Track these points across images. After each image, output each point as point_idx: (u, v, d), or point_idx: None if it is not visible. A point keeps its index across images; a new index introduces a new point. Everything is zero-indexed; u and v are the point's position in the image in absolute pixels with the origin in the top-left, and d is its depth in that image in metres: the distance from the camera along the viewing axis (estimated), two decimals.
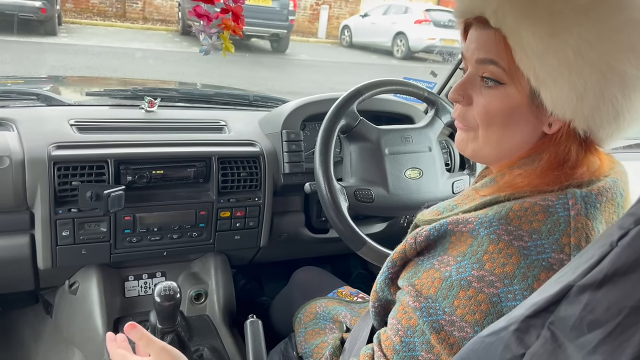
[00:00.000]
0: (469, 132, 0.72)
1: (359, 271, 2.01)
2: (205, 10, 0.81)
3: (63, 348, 1.40)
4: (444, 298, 0.63)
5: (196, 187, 1.36)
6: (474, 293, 0.61)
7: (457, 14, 0.70)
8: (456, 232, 0.65)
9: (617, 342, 0.38)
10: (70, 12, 11.17)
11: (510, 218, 0.61)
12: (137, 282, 1.44)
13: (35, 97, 1.47)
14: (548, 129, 0.65)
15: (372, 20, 12.20)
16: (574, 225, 0.60)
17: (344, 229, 1.17)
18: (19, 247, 1.23)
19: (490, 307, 0.60)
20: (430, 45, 10.47)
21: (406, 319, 0.67)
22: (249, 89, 2.08)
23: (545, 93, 0.61)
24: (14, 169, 1.15)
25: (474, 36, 0.67)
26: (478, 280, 0.61)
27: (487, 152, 0.70)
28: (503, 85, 0.65)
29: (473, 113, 0.69)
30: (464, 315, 0.61)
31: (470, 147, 0.72)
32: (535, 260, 0.59)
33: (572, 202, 0.61)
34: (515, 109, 0.65)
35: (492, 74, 0.65)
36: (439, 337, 0.63)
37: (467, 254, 0.62)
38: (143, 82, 2.60)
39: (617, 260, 0.40)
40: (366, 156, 1.27)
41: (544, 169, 0.65)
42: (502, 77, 0.64)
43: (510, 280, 0.59)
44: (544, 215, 0.61)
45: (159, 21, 12.21)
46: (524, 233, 0.60)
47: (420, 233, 0.68)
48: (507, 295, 0.59)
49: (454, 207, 0.71)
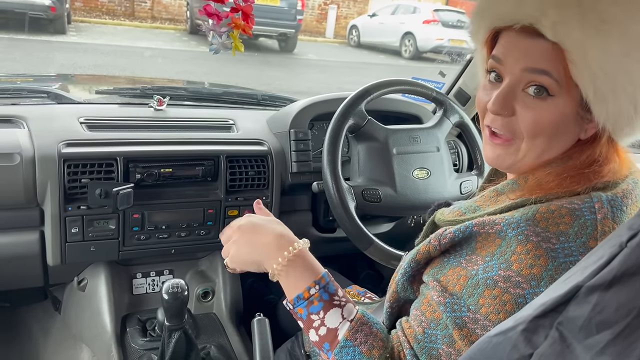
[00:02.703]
0: (509, 146, 0.69)
1: (367, 271, 2.01)
2: (215, 9, 0.81)
3: (71, 344, 1.41)
4: (469, 296, 0.63)
5: (204, 186, 1.36)
6: (499, 293, 0.61)
7: (492, 19, 0.68)
8: (482, 234, 0.65)
9: (626, 343, 0.38)
10: (79, 11, 11.23)
11: (537, 220, 0.61)
12: (144, 279, 1.45)
13: (46, 95, 1.48)
14: (583, 134, 0.66)
15: (380, 20, 12.17)
16: (600, 229, 0.60)
17: (351, 229, 1.17)
18: (29, 243, 1.24)
19: (515, 308, 0.60)
20: (438, 46, 10.43)
21: (430, 311, 0.68)
22: (256, 88, 2.08)
23: (600, 107, 0.61)
24: (24, 166, 1.16)
25: (518, 45, 0.65)
26: (504, 280, 0.61)
27: (527, 162, 0.69)
28: (552, 96, 0.64)
29: (519, 125, 0.67)
30: (488, 314, 0.62)
31: (510, 161, 0.70)
32: (563, 262, 0.60)
33: (598, 205, 0.62)
34: (564, 120, 0.64)
35: (543, 84, 0.63)
36: (462, 334, 0.63)
37: (495, 254, 0.63)
38: (151, 80, 2.62)
39: (626, 261, 0.39)
40: (374, 156, 1.27)
41: (575, 169, 0.65)
42: (553, 88, 0.63)
43: (537, 282, 0.60)
44: (571, 218, 0.61)
45: (167, 20, 12.25)
46: (552, 235, 0.60)
47: (445, 235, 0.69)
48: (532, 297, 0.59)
49: (476, 209, 0.71)
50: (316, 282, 0.75)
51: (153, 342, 1.30)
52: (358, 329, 0.72)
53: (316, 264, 0.78)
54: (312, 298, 0.74)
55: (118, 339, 1.31)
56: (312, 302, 0.74)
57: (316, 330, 0.74)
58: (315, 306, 0.74)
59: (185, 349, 1.09)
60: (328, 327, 0.73)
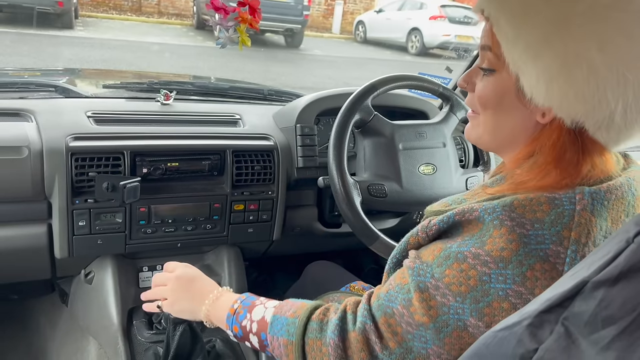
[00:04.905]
0: (474, 120, 0.76)
1: (371, 266, 2.01)
2: (222, 4, 0.81)
3: (78, 336, 1.42)
4: (438, 265, 0.66)
5: (211, 180, 1.37)
6: (467, 268, 0.63)
7: (475, 10, 0.71)
8: (463, 221, 0.66)
9: (632, 339, 0.38)
10: (86, 6, 11.27)
11: (514, 206, 0.62)
12: (151, 272, 1.45)
13: (53, 89, 1.49)
14: (541, 118, 0.66)
15: (386, 15, 12.13)
16: (577, 219, 0.60)
17: (356, 224, 1.17)
18: (37, 236, 1.25)
19: (478, 284, 0.62)
20: (445, 42, 10.38)
21: (400, 276, 0.71)
22: (263, 83, 2.08)
23: (523, 79, 0.63)
24: (32, 159, 1.17)
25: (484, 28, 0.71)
26: (474, 257, 0.63)
27: (486, 138, 0.74)
28: (495, 71, 0.68)
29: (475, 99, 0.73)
30: (450, 284, 0.63)
31: (474, 134, 0.76)
32: (533, 249, 0.60)
33: (579, 197, 0.62)
34: (504, 94, 0.68)
35: (488, 61, 0.69)
36: (422, 297, 0.65)
37: (475, 236, 0.64)
38: (158, 75, 2.62)
39: (632, 256, 0.39)
40: (380, 151, 1.27)
41: (545, 163, 0.65)
42: (494, 63, 0.67)
43: (505, 264, 0.61)
44: (549, 206, 0.61)
45: (174, 15, 12.26)
46: (526, 221, 0.61)
47: (430, 226, 0.70)
48: (497, 277, 0.61)
49: (462, 201, 0.72)
50: (237, 299, 0.86)
51: (159, 334, 1.31)
52: (282, 305, 0.82)
53: (237, 295, 0.89)
54: (237, 310, 0.84)
55: (124, 331, 1.32)
56: (238, 313, 0.84)
57: (251, 332, 0.81)
58: (241, 314, 0.83)
59: (191, 342, 1.09)
60: (257, 321, 0.81)
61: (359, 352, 0.69)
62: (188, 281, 0.93)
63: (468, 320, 0.62)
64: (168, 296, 0.94)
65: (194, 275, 0.94)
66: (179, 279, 0.93)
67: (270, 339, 0.78)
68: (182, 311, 0.93)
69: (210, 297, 0.88)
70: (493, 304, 0.61)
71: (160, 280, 0.96)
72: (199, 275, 0.94)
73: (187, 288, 0.92)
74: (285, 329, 0.77)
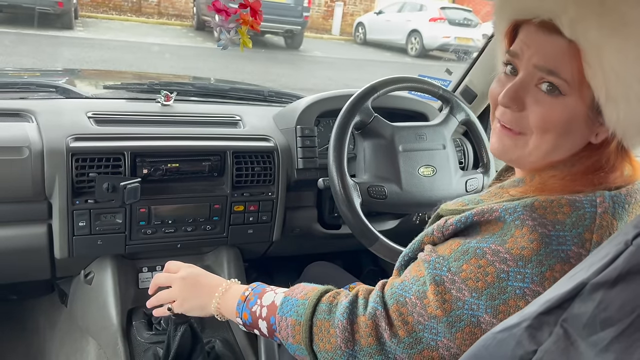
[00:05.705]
0: (518, 139, 0.69)
1: (371, 267, 2.01)
2: (223, 5, 0.82)
3: (77, 337, 1.42)
4: (455, 260, 0.65)
5: (211, 181, 1.37)
6: (485, 264, 0.62)
7: (513, 12, 0.68)
8: (482, 222, 0.66)
9: (630, 341, 0.38)
10: (86, 6, 11.26)
11: (535, 207, 0.62)
12: (151, 273, 1.46)
13: (54, 90, 1.49)
14: (594, 138, 0.66)
15: (386, 17, 12.14)
16: (599, 222, 0.60)
17: (356, 225, 1.17)
18: (37, 236, 1.25)
19: (496, 281, 0.61)
20: (444, 44, 10.39)
21: (416, 269, 0.70)
22: (263, 84, 2.08)
23: (611, 111, 0.60)
24: (33, 159, 1.17)
25: (535, 40, 0.65)
26: (493, 253, 0.62)
27: (534, 159, 0.69)
28: (564, 95, 0.63)
29: (528, 120, 0.67)
30: (467, 279, 0.63)
31: (517, 154, 0.70)
32: (555, 250, 0.60)
33: (600, 199, 0.62)
34: (574, 120, 0.64)
35: (553, 83, 0.63)
36: (437, 289, 0.65)
37: (495, 234, 0.64)
38: (158, 76, 2.62)
39: (631, 259, 0.40)
40: (380, 153, 1.27)
41: (580, 173, 0.65)
42: (563, 87, 0.63)
43: (524, 262, 0.60)
44: (570, 208, 0.61)
45: (174, 16, 12.26)
46: (548, 222, 0.61)
47: (447, 226, 0.70)
48: (516, 275, 0.60)
49: (479, 202, 0.72)
50: (248, 287, 0.87)
51: (159, 335, 1.31)
52: (293, 288, 0.83)
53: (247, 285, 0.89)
54: (248, 297, 0.84)
55: (124, 332, 1.32)
56: (249, 299, 0.84)
57: (260, 317, 0.81)
58: (252, 301, 0.83)
59: (191, 343, 1.09)
60: (267, 306, 0.81)
61: (367, 337, 0.69)
62: (194, 280, 0.93)
63: (482, 317, 0.62)
64: (176, 297, 0.93)
65: (199, 273, 0.94)
66: (185, 280, 0.93)
67: (279, 320, 0.78)
68: (193, 308, 0.92)
69: (220, 290, 0.88)
70: (509, 302, 0.61)
71: (163, 281, 0.96)
72: (203, 273, 0.95)
73: (194, 286, 0.92)
74: (295, 309, 0.77)
